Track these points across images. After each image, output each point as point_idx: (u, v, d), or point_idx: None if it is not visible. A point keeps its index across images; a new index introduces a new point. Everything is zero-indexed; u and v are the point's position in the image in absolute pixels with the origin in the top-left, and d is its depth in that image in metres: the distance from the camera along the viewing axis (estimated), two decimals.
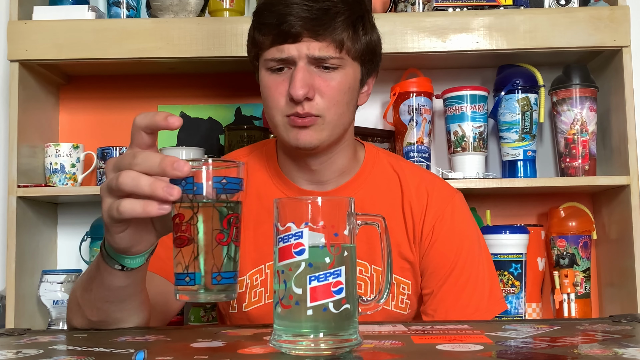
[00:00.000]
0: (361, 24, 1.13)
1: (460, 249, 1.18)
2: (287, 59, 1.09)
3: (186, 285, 0.69)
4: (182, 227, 0.70)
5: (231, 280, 0.70)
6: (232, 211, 0.71)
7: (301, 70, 1.08)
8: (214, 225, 0.70)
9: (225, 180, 0.71)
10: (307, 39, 1.07)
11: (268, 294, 1.18)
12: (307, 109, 1.08)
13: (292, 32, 1.07)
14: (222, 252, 0.70)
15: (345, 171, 1.21)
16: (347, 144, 1.21)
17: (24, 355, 0.70)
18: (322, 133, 1.11)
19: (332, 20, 1.08)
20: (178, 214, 0.71)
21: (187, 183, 0.70)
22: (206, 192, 0.70)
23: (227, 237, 0.70)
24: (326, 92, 1.09)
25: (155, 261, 1.17)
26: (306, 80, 1.07)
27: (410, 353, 0.67)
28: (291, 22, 1.06)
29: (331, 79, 1.10)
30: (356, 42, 1.11)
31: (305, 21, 1.06)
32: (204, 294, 0.69)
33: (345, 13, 1.09)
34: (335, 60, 1.09)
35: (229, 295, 0.70)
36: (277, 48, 1.09)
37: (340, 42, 1.09)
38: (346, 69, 1.11)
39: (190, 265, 0.69)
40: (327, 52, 1.08)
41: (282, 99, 1.10)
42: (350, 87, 1.12)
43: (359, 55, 1.13)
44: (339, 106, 1.11)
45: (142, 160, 0.73)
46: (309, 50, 1.08)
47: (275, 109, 1.11)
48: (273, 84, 1.11)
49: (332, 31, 1.08)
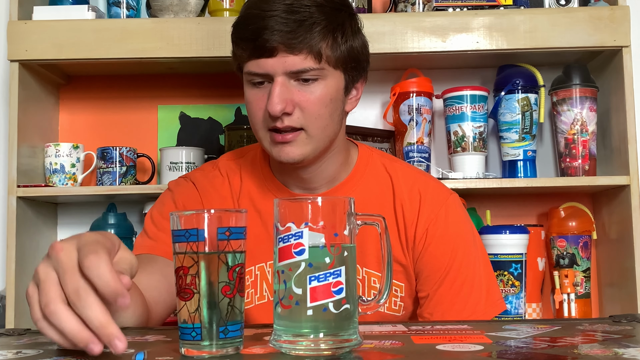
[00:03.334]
0: (341, 31, 1.09)
1: (456, 251, 1.17)
2: (265, 75, 1.07)
3: (192, 339, 0.68)
4: (186, 280, 0.68)
5: (238, 332, 0.69)
6: (238, 261, 0.70)
7: (278, 85, 1.06)
8: (219, 278, 0.68)
9: (229, 231, 0.69)
10: (283, 54, 1.05)
11: (258, 295, 1.18)
12: (287, 122, 1.07)
13: (267, 47, 1.05)
14: (228, 304, 0.68)
15: (336, 176, 1.21)
16: (337, 150, 1.19)
17: (24, 355, 0.70)
18: (306, 147, 1.10)
19: (308, 32, 1.05)
20: (182, 266, 0.69)
21: (191, 235, 0.68)
22: (210, 244, 0.69)
23: (233, 288, 0.69)
24: (306, 107, 1.07)
25: (145, 242, 1.17)
26: (283, 95, 1.05)
27: (410, 353, 0.67)
28: (266, 36, 1.04)
29: (310, 92, 1.07)
30: (336, 50, 1.08)
31: (280, 35, 1.04)
32: (211, 348, 0.68)
33: (323, 22, 1.06)
34: (314, 72, 1.07)
35: (237, 347, 0.69)
36: (255, 62, 1.07)
37: (318, 53, 1.06)
38: (327, 80, 1.09)
39: (195, 318, 0.68)
40: (305, 64, 1.06)
41: (263, 114, 1.09)
42: (332, 98, 1.10)
43: (341, 63, 1.10)
44: (321, 119, 1.09)
45: (81, 306, 0.65)
46: (286, 65, 1.05)
47: (257, 124, 1.11)
48: (254, 99, 1.10)
49: (309, 42, 1.05)
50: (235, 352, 0.69)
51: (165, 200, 1.24)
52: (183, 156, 1.83)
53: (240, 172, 1.25)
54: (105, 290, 0.64)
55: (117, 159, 1.82)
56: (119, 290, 0.64)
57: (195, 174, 1.27)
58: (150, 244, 1.16)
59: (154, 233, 1.18)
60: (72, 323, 0.64)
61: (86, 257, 0.66)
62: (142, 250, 1.16)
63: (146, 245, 1.16)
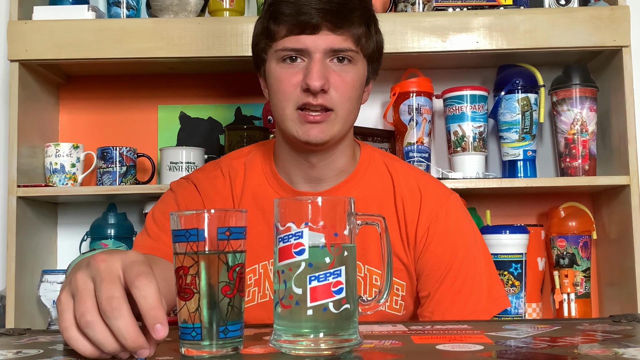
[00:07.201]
0: (373, 22, 1.15)
1: (456, 250, 1.18)
2: (302, 50, 1.08)
3: (192, 339, 0.68)
4: (186, 280, 0.68)
5: (238, 332, 0.69)
6: (238, 261, 0.70)
7: (318, 61, 1.08)
8: (219, 278, 0.68)
9: (229, 231, 0.69)
10: (325, 32, 1.08)
11: (261, 294, 1.18)
12: (321, 100, 1.08)
13: (311, 23, 1.07)
14: (228, 304, 0.69)
15: (343, 170, 1.21)
16: (348, 142, 1.21)
17: (24, 355, 0.70)
18: (334, 128, 1.11)
19: (350, 14, 1.08)
20: (182, 266, 0.69)
21: (191, 235, 0.68)
22: (210, 244, 0.69)
23: (233, 288, 0.69)
24: (340, 87, 1.10)
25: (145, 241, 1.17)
26: (323, 72, 1.08)
27: (410, 353, 0.67)
28: (310, 12, 1.06)
29: (345, 73, 1.10)
30: (369, 40, 1.13)
31: (324, 13, 1.06)
32: (211, 348, 0.68)
33: (361, 10, 1.11)
34: (352, 53, 1.10)
35: (237, 347, 0.69)
36: (293, 39, 1.08)
37: (358, 37, 1.10)
38: (358, 65, 1.12)
39: (195, 318, 0.68)
40: (346, 44, 1.09)
41: (295, 90, 1.09)
42: (360, 84, 1.14)
43: (369, 53, 1.14)
44: (351, 101, 1.12)
45: (113, 317, 0.65)
46: (328, 43, 1.08)
47: (287, 101, 1.11)
48: (285, 75, 1.10)
49: (350, 25, 1.08)
50: (235, 352, 0.69)
51: (167, 200, 1.24)
52: (183, 156, 1.83)
53: (244, 171, 1.24)
54: (147, 314, 0.65)
55: (117, 159, 1.82)
56: (160, 320, 0.65)
57: (196, 175, 1.27)
58: (151, 243, 1.16)
59: (155, 233, 1.18)
60: (105, 335, 0.65)
61: (138, 277, 0.66)
62: (143, 249, 1.15)
63: (147, 245, 1.16)
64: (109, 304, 0.64)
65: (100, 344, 0.65)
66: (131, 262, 0.68)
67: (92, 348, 0.66)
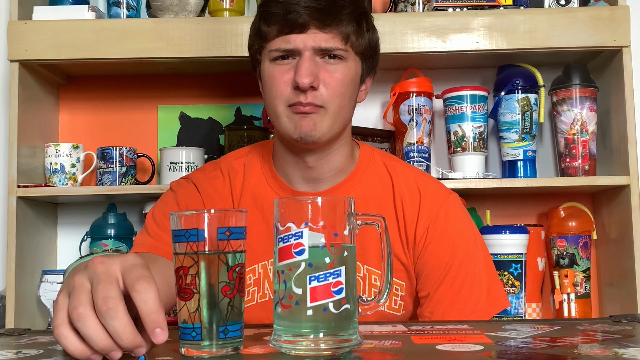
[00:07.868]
0: (365, 20, 1.15)
1: (456, 250, 1.18)
2: (292, 50, 1.10)
3: (192, 339, 0.68)
4: (186, 280, 0.68)
5: (238, 332, 0.69)
6: (238, 261, 0.70)
7: (307, 59, 1.09)
8: (219, 278, 0.68)
9: (229, 231, 0.69)
10: (313, 30, 1.09)
11: (261, 294, 1.18)
12: (311, 98, 1.09)
13: (299, 22, 1.08)
14: (228, 304, 0.69)
15: (341, 170, 1.21)
16: (345, 142, 1.21)
17: (24, 355, 0.70)
18: (323, 123, 1.11)
19: (338, 12, 1.09)
20: (182, 266, 0.69)
21: (191, 235, 0.68)
22: (210, 244, 0.69)
23: (232, 288, 0.69)
24: (330, 83, 1.10)
25: (145, 240, 1.17)
26: (311, 69, 1.08)
27: (410, 353, 0.67)
28: (298, 11, 1.07)
29: (335, 70, 1.11)
30: (359, 37, 1.13)
31: (312, 11, 1.07)
32: (211, 348, 0.68)
33: (350, 7, 1.11)
34: (340, 51, 1.10)
35: (237, 347, 0.69)
36: (283, 38, 1.10)
37: (346, 35, 1.10)
38: (348, 62, 1.13)
39: (195, 318, 0.68)
40: (334, 43, 1.10)
41: (286, 88, 1.10)
42: (352, 81, 1.14)
43: (361, 50, 1.15)
44: (341, 98, 1.12)
45: (109, 317, 0.64)
46: (315, 42, 1.09)
47: (279, 98, 1.12)
48: (277, 73, 1.11)
49: (339, 23, 1.09)
50: (235, 352, 0.69)
51: (168, 200, 1.24)
52: (183, 156, 1.83)
53: (243, 171, 1.25)
54: (147, 318, 0.64)
55: (117, 159, 1.82)
56: (160, 324, 0.64)
57: (197, 175, 1.27)
58: (151, 242, 1.16)
59: (155, 232, 1.18)
60: (97, 329, 0.64)
61: (138, 280, 0.66)
62: (143, 248, 1.16)
63: (147, 244, 1.16)
64: (105, 303, 0.64)
65: (90, 339, 0.64)
66: (130, 266, 0.68)
67: (82, 346, 0.65)
